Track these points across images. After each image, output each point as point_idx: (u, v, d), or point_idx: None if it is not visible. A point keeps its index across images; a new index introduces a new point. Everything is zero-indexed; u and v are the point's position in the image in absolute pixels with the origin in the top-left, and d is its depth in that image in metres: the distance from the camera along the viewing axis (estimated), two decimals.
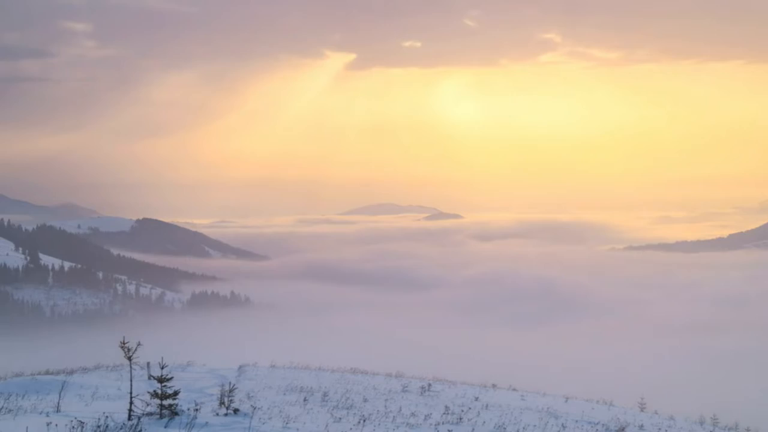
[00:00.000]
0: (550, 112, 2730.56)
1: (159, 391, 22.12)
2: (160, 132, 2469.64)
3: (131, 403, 22.35)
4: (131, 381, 23.78)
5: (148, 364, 36.32)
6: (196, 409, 23.30)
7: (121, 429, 20.34)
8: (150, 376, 34.83)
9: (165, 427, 20.99)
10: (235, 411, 24.04)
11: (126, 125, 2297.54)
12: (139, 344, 22.40)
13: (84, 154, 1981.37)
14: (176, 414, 22.20)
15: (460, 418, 29.49)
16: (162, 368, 23.10)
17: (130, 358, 22.15)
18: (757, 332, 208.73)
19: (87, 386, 34.44)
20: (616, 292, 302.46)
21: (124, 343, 22.13)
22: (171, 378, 22.75)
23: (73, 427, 20.04)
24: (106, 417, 21.75)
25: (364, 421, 26.55)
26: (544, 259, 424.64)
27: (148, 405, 22.49)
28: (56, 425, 20.18)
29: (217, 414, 23.80)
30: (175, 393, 22.35)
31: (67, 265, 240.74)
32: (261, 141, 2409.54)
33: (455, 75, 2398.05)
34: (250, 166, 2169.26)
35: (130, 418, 21.85)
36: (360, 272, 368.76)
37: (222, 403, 24.98)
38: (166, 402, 22.19)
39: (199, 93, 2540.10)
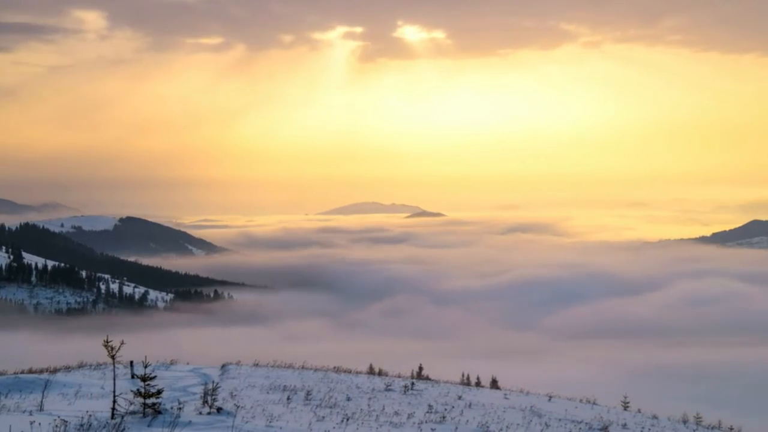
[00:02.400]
0: (544, 108, 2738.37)
1: (142, 390, 22.11)
2: (151, 129, 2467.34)
3: (114, 401, 22.33)
4: (114, 380, 23.77)
5: (132, 362, 36.26)
6: (180, 408, 23.29)
7: (104, 428, 20.31)
8: (133, 375, 34.90)
9: (148, 425, 20.98)
10: (219, 410, 24.03)
11: (117, 122, 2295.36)
12: (122, 343, 22.37)
13: (71, 151, 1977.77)
14: (159, 413, 22.19)
15: (444, 417, 29.53)
16: (145, 367, 23.10)
17: (113, 357, 22.12)
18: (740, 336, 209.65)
19: (70, 385, 34.33)
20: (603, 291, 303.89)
21: (107, 342, 22.10)
22: (154, 377, 22.75)
23: (57, 425, 20.02)
24: (90, 416, 21.73)
25: (348, 420, 26.56)
26: (530, 257, 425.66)
27: (131, 404, 22.47)
28: (39, 424, 20.15)
29: (201, 413, 23.78)
30: (159, 392, 22.35)
31: (50, 263, 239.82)
32: (249, 140, 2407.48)
33: (465, 67, 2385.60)
34: (234, 164, 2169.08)
35: (113, 416, 21.82)
36: (339, 272, 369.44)
37: (205, 401, 24.95)
38: (149, 401, 22.19)
39: (194, 91, 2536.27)
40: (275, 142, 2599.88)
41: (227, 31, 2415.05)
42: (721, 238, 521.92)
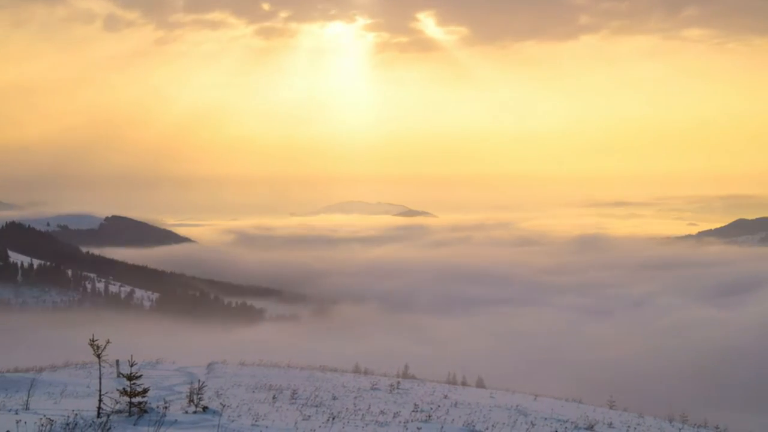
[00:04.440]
0: (543, 107, 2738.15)
1: (128, 389, 22.08)
2: (144, 127, 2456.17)
3: (100, 400, 22.30)
4: (100, 379, 23.71)
5: (117, 361, 36.24)
6: (165, 407, 23.27)
7: (90, 426, 20.29)
8: (119, 374, 34.86)
9: (134, 424, 20.96)
10: (204, 409, 24.03)
11: (110, 120, 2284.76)
12: (108, 342, 22.35)
13: (59, 149, 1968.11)
14: (145, 412, 22.16)
15: (429, 416, 29.57)
16: (131, 366, 23.06)
17: (99, 356, 22.09)
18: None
19: (56, 384, 34.32)
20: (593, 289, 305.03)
21: (93, 341, 22.07)
22: (140, 376, 22.71)
23: (43, 424, 19.98)
24: (76, 414, 21.70)
25: (333, 419, 26.58)
26: (512, 257, 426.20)
27: (117, 403, 22.44)
28: (25, 423, 20.12)
29: (186, 412, 23.79)
30: (145, 391, 22.32)
31: (36, 262, 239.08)
32: (241, 139, 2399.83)
33: (474, 62, 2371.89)
34: (223, 163, 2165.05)
35: (99, 415, 21.80)
36: (328, 273, 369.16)
37: (191, 400, 24.95)
38: (135, 400, 22.16)
39: (187, 88, 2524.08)
40: (265, 140, 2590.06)
41: (232, 24, 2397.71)
42: (707, 237, 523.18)
